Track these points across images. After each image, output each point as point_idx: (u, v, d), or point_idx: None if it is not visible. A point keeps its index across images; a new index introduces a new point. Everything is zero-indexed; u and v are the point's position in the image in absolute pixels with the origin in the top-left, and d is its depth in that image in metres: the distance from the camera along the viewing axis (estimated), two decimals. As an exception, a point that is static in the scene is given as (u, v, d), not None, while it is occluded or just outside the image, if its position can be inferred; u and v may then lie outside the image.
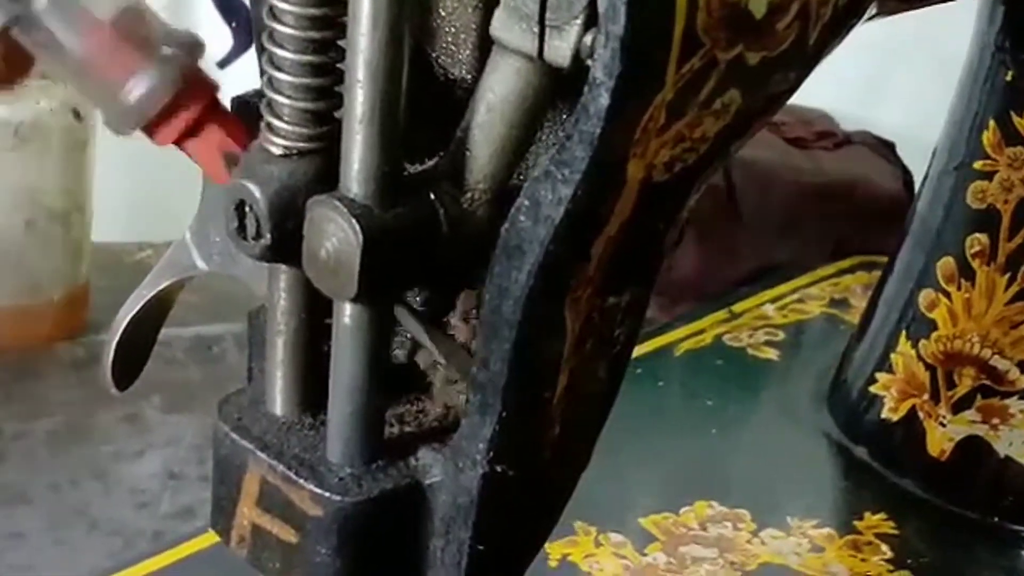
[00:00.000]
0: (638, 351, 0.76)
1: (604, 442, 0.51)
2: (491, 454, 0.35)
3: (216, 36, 1.04)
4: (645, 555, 0.61)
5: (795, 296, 0.84)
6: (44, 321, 0.93)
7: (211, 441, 0.87)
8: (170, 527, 0.77)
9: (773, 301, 0.83)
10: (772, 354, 0.78)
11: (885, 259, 0.74)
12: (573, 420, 0.38)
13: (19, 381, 0.89)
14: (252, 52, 1.09)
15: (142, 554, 0.60)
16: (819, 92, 1.05)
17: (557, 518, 0.40)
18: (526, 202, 0.33)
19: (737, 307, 0.82)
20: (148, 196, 1.08)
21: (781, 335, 0.80)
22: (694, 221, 0.90)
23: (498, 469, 0.36)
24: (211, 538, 0.60)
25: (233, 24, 1.03)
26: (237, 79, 0.40)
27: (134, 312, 0.44)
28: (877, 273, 0.75)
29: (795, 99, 1.14)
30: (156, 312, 0.44)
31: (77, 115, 0.89)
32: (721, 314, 0.81)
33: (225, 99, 0.40)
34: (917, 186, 0.75)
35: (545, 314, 0.34)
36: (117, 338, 0.44)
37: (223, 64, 1.04)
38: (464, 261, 0.35)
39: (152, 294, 0.44)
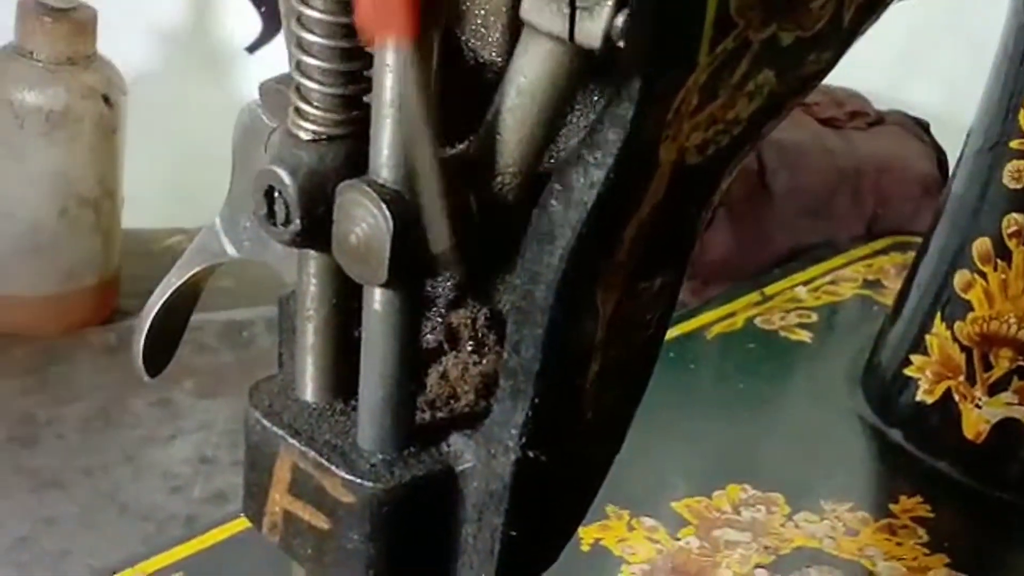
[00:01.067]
0: (670, 335, 0.75)
1: (636, 426, 0.51)
2: (523, 440, 0.35)
3: (245, 21, 1.04)
4: (678, 539, 0.60)
5: (828, 278, 0.83)
6: (76, 308, 0.93)
7: (243, 426, 0.87)
8: (203, 512, 0.77)
9: (805, 283, 0.82)
10: (805, 336, 0.77)
11: (919, 239, 0.73)
12: (606, 405, 0.38)
13: (52, 367, 0.90)
14: (280, 37, 1.09)
15: (175, 539, 0.60)
16: (852, 72, 1.04)
17: (590, 503, 0.39)
18: (557, 186, 0.33)
19: (769, 289, 0.81)
20: (177, 182, 1.08)
21: (814, 317, 0.79)
22: (726, 203, 0.89)
23: (530, 455, 0.35)
24: (244, 523, 0.60)
25: (262, 9, 1.03)
26: (266, 64, 0.40)
27: (164, 299, 0.44)
28: (911, 254, 0.75)
29: (828, 79, 1.14)
30: (186, 299, 0.44)
31: (107, 101, 0.89)
32: (753, 296, 0.80)
33: (256, 84, 0.40)
34: (951, 166, 0.74)
35: (577, 299, 0.34)
36: (148, 325, 0.44)
37: (252, 49, 1.04)
38: (495, 246, 0.35)
39: (182, 281, 0.44)
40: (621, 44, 0.31)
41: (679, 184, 0.34)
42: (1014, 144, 0.64)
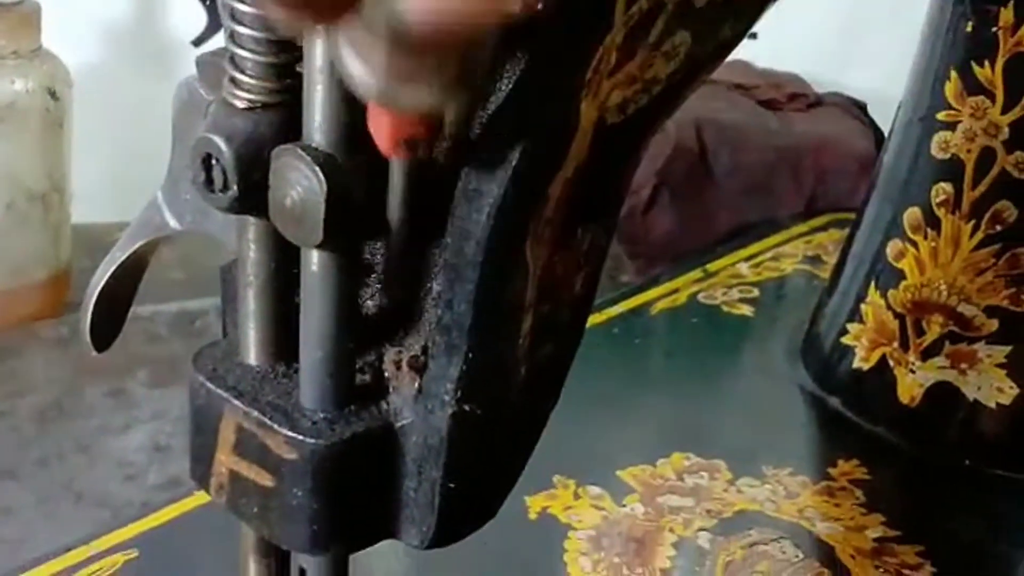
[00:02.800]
0: (614, 311, 0.77)
1: (581, 398, 0.52)
2: (459, 394, 0.36)
3: (190, 14, 1.04)
4: (623, 506, 0.62)
5: (769, 254, 0.85)
6: (27, 302, 0.94)
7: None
8: (158, 498, 0.78)
9: (747, 259, 0.84)
10: (747, 311, 0.79)
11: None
12: (539, 361, 0.39)
13: (3, 360, 0.90)
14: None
15: (128, 518, 0.61)
16: (791, 57, 1.06)
17: (527, 457, 0.41)
18: (484, 145, 0.34)
19: (712, 266, 0.83)
20: (125, 176, 1.08)
21: (755, 292, 0.81)
22: (668, 184, 0.91)
23: (466, 408, 0.37)
24: (195, 501, 0.61)
25: (207, 2, 1.04)
26: None
27: (109, 273, 0.45)
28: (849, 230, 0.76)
29: (767, 63, 1.15)
30: (131, 272, 0.45)
31: (53, 95, 0.89)
32: (696, 273, 0.82)
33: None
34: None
35: (507, 255, 0.35)
36: (94, 300, 0.45)
37: (198, 42, 1.05)
38: (427, 206, 0.36)
39: (126, 255, 0.44)
40: (539, 7, 0.32)
41: (602, 143, 0.35)
42: (941, 116, 0.66)
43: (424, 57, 0.28)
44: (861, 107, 1.02)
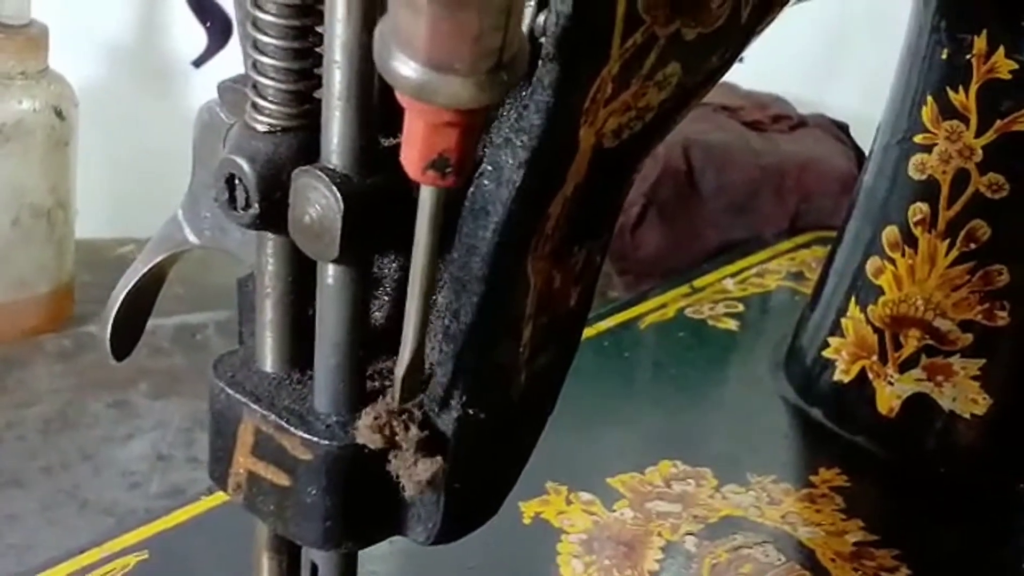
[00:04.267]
0: (605, 325, 0.80)
1: (574, 409, 0.55)
2: (464, 399, 0.39)
3: (191, 36, 1.07)
4: (613, 511, 0.64)
5: (754, 271, 0.88)
6: (31, 315, 0.96)
7: (198, 421, 0.90)
8: (161, 506, 0.80)
9: (733, 275, 0.87)
10: (732, 325, 0.82)
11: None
12: (538, 369, 0.42)
13: (9, 372, 0.92)
14: (225, 51, 1.12)
15: (138, 520, 0.63)
16: (775, 79, 1.09)
17: (527, 458, 0.43)
18: (489, 167, 0.37)
19: (699, 282, 0.86)
20: (127, 193, 1.11)
21: (741, 307, 0.83)
22: (656, 202, 0.94)
23: (470, 413, 0.39)
24: (204, 505, 0.64)
25: (207, 24, 1.06)
26: (212, 77, 0.43)
27: (130, 286, 0.47)
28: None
29: (752, 84, 1.18)
30: (150, 286, 0.48)
31: (59, 114, 0.92)
32: (683, 289, 0.85)
33: (202, 96, 0.44)
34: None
35: (510, 269, 0.38)
36: (114, 311, 0.47)
37: (198, 63, 1.08)
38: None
39: (147, 268, 0.47)
40: (543, 40, 0.35)
41: (598, 165, 0.38)
42: (918, 139, 0.69)
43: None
44: (843, 128, 1.05)
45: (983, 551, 0.65)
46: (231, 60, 0.99)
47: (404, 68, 0.31)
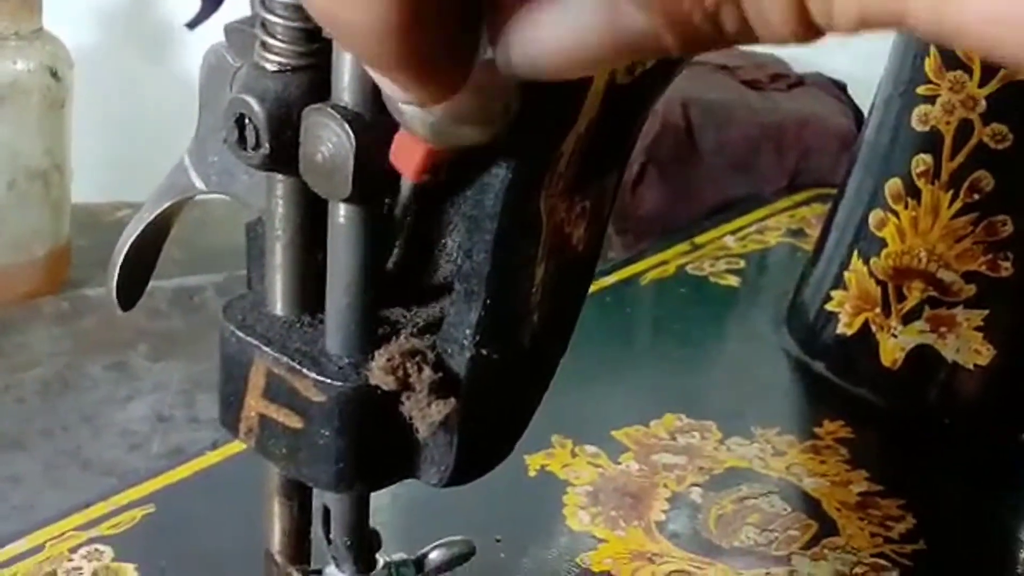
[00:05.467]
0: (605, 282, 0.80)
1: (577, 364, 0.55)
2: (477, 338, 0.39)
3: (185, -2, 1.06)
4: (619, 463, 0.64)
5: (754, 228, 0.87)
6: (28, 278, 0.96)
7: (198, 383, 0.89)
8: (162, 466, 0.80)
9: (733, 233, 0.87)
10: (733, 281, 0.82)
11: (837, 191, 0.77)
12: (549, 311, 0.41)
13: (7, 335, 0.92)
14: (218, 15, 1.11)
15: (146, 474, 0.63)
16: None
17: (538, 401, 0.43)
18: (503, 104, 0.36)
19: (699, 239, 0.85)
20: (122, 157, 1.10)
21: (741, 263, 0.83)
22: (656, 161, 0.94)
23: (483, 353, 0.39)
24: (210, 459, 0.63)
25: (201, -15, 1.05)
26: (205, 39, 0.43)
27: (137, 233, 0.47)
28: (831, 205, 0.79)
29: (750, 46, 1.19)
30: (157, 233, 0.47)
31: (54, 75, 0.91)
32: (684, 246, 0.85)
33: (196, 59, 0.43)
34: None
35: (522, 207, 0.38)
36: (121, 259, 0.47)
37: (191, 25, 1.07)
38: (448, 162, 0.38)
39: (154, 215, 0.47)
40: None
41: (611, 102, 0.38)
42: (921, 90, 0.69)
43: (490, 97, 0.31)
44: (841, 87, 1.04)
45: (987, 501, 0.65)
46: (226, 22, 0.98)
47: (418, 115, 0.32)
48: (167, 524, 0.58)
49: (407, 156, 0.35)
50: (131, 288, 0.48)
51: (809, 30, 0.26)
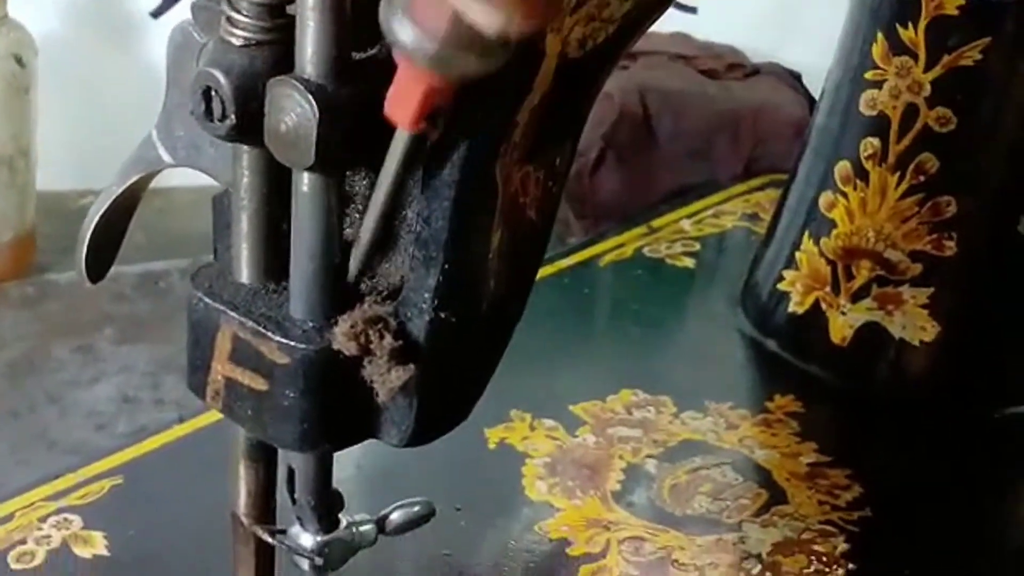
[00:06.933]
0: (564, 263, 0.82)
1: (536, 342, 0.57)
2: (435, 303, 0.40)
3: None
4: (576, 436, 0.66)
5: (710, 212, 0.89)
6: (-7, 263, 0.97)
7: (163, 365, 0.90)
8: (128, 445, 0.81)
9: (689, 217, 0.88)
10: (689, 263, 0.83)
11: (791, 177, 0.79)
12: (506, 278, 0.43)
13: (-27, 319, 0.93)
14: (182, 4, 1.12)
15: (116, 446, 0.64)
16: (729, 30, 1.11)
17: (496, 363, 0.45)
18: (459, 76, 0.38)
19: (656, 223, 0.87)
20: (89, 145, 1.11)
21: (697, 246, 0.85)
22: (614, 147, 0.96)
23: (442, 316, 0.41)
24: (179, 431, 0.65)
25: (165, -26, 1.06)
26: (169, 28, 0.44)
27: (106, 207, 0.48)
28: (784, 190, 0.81)
29: (707, 36, 1.19)
30: (126, 207, 0.49)
31: (19, 61, 0.92)
32: (641, 230, 0.86)
33: (160, 48, 0.44)
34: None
35: (479, 175, 0.39)
36: (90, 232, 0.48)
37: (156, 14, 1.08)
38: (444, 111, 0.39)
39: (122, 189, 0.48)
40: None
41: (564, 75, 0.39)
42: (868, 75, 0.71)
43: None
44: (796, 76, 1.07)
45: (931, 470, 0.67)
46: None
47: (420, 41, 0.33)
48: (135, 495, 0.59)
49: (405, 103, 0.35)
50: (99, 262, 0.49)
51: None
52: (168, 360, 0.91)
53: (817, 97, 1.05)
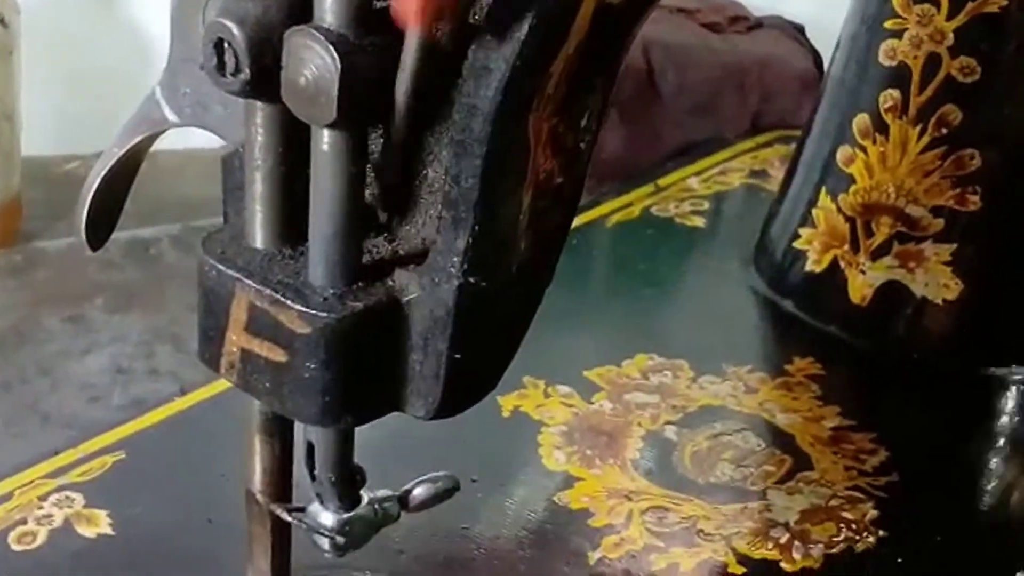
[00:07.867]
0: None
1: (546, 305, 0.54)
2: (465, 266, 0.38)
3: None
4: (592, 403, 0.64)
5: (717, 169, 0.87)
6: (-22, 231, 0.94)
7: (158, 334, 0.88)
8: (124, 418, 0.79)
9: (696, 174, 0.86)
10: (698, 222, 0.81)
11: (800, 132, 0.77)
12: (536, 239, 0.41)
13: (-41, 289, 0.90)
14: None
15: (116, 421, 0.62)
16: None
17: (524, 331, 0.43)
18: (491, 24, 0.35)
19: (663, 181, 0.85)
20: (74, 110, 1.08)
21: (705, 204, 0.83)
22: (617, 104, 0.93)
23: (471, 281, 0.38)
24: (181, 405, 0.62)
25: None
26: None
27: (107, 168, 0.45)
28: (794, 146, 0.78)
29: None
30: (127, 169, 0.46)
31: (3, 23, 0.89)
32: (648, 188, 0.84)
33: (145, 12, 0.42)
34: (827, 62, 0.78)
35: (511, 130, 0.37)
36: (91, 196, 0.46)
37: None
38: (433, 86, 0.37)
39: (124, 150, 0.45)
40: None
41: (600, 22, 0.37)
42: (888, 24, 0.68)
43: None
44: (799, 29, 1.04)
45: (957, 432, 0.65)
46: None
47: None
48: (138, 471, 0.57)
49: None
50: (101, 226, 0.47)
51: None
52: (162, 329, 0.89)
53: (820, 50, 1.03)
